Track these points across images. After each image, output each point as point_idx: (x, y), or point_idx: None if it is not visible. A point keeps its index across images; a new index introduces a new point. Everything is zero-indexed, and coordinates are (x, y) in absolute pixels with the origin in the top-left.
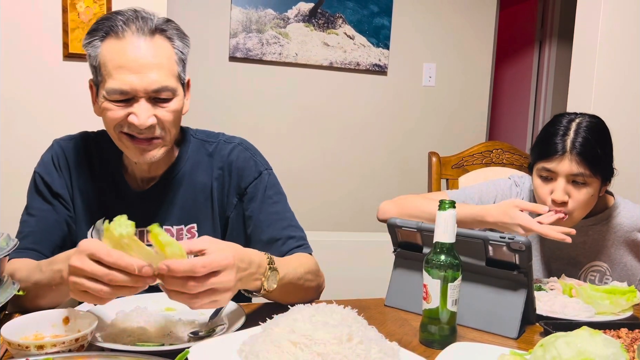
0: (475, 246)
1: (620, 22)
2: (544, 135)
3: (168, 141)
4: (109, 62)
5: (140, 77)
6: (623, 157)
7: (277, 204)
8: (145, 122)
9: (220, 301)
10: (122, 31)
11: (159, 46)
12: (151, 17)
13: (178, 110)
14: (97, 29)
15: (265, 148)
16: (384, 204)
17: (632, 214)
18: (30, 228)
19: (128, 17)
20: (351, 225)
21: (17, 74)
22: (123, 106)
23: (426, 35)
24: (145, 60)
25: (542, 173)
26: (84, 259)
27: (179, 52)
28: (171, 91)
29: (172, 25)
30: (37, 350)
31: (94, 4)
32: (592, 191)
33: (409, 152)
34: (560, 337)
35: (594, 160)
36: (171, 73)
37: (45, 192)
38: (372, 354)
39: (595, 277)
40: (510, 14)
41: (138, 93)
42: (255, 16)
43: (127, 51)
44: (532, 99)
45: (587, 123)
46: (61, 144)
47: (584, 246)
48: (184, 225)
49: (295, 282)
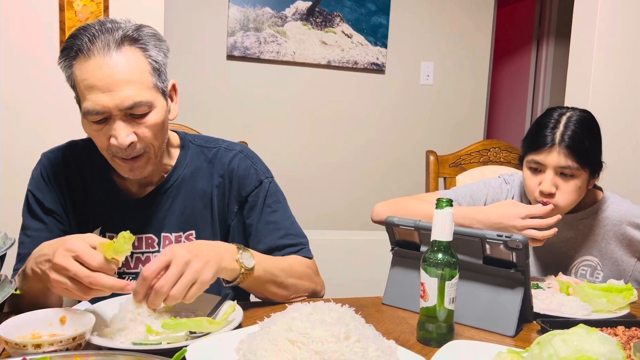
0: (472, 244)
1: (618, 20)
2: (535, 128)
3: (153, 154)
4: (81, 82)
5: (111, 96)
6: (620, 154)
7: (276, 213)
8: (125, 142)
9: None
10: (88, 50)
11: (129, 59)
12: (120, 26)
13: (158, 124)
14: (67, 48)
15: (262, 147)
16: (378, 205)
17: (619, 208)
18: (26, 250)
19: (94, 33)
20: (349, 223)
21: (14, 73)
22: (102, 128)
23: (424, 34)
24: (114, 77)
25: (531, 165)
26: (69, 259)
27: (153, 61)
28: (146, 105)
29: (145, 32)
30: (34, 349)
31: (91, 3)
32: (580, 183)
33: (406, 150)
34: (557, 335)
35: (582, 153)
36: (145, 86)
37: (38, 210)
38: (369, 352)
39: (586, 272)
40: (508, 12)
41: (112, 112)
42: (253, 14)
43: (95, 70)
44: (529, 98)
45: (578, 117)
46: (49, 156)
47: (574, 241)
48: (182, 232)
49: (277, 272)
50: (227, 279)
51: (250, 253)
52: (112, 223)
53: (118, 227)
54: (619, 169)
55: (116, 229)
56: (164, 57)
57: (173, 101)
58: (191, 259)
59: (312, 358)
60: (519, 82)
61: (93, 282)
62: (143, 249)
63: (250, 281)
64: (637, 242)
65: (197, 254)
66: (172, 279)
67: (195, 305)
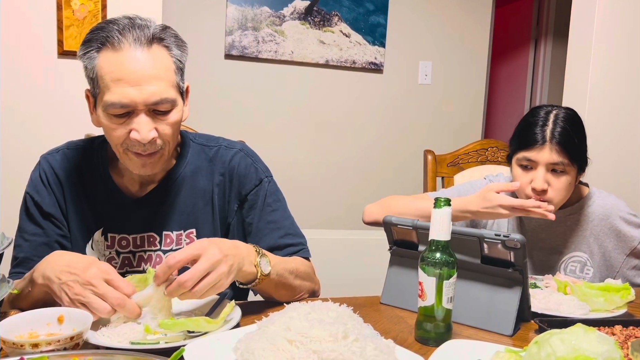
0: (470, 244)
1: (615, 20)
2: (524, 126)
3: (167, 152)
4: (107, 74)
5: (139, 90)
6: (618, 152)
7: (276, 212)
8: (147, 137)
9: (220, 282)
10: (119, 42)
11: (157, 56)
12: (148, 25)
13: (178, 122)
14: (92, 40)
15: (260, 145)
16: (369, 207)
17: (604, 202)
18: (23, 254)
19: (124, 27)
20: (347, 223)
21: (12, 72)
22: (123, 122)
23: (422, 34)
24: (144, 72)
25: (523, 162)
26: (100, 280)
27: (177, 60)
28: (170, 103)
29: (170, 33)
30: (32, 349)
31: (89, 2)
32: (570, 179)
33: (404, 150)
34: (554, 334)
35: (572, 149)
36: (170, 84)
37: (36, 213)
38: (367, 351)
39: (575, 268)
40: (506, 12)
41: (137, 106)
42: (251, 14)
43: (124, 63)
44: (527, 97)
45: (564, 114)
46: (48, 158)
47: (563, 236)
48: (183, 231)
49: (286, 275)
50: (243, 282)
51: (268, 258)
52: (113, 223)
53: (119, 227)
54: (616, 168)
55: (118, 229)
56: (185, 58)
57: (185, 103)
58: (220, 261)
59: (310, 357)
60: (517, 81)
61: (121, 305)
62: (145, 248)
63: (263, 284)
64: (624, 235)
65: (226, 255)
66: (198, 276)
67: (193, 305)
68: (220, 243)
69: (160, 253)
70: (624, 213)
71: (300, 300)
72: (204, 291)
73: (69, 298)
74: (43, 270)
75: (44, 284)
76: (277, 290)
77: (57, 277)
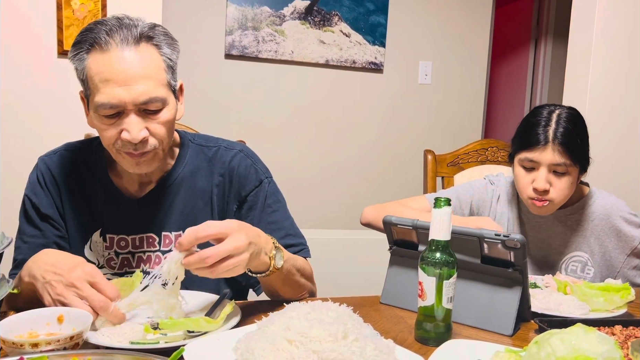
0: (470, 244)
1: (616, 20)
2: (526, 126)
3: (161, 151)
4: (95, 75)
5: (127, 90)
6: (618, 152)
7: (276, 213)
8: (138, 137)
9: (238, 267)
10: (106, 43)
11: (145, 55)
12: (135, 24)
13: (170, 120)
14: (81, 41)
15: (260, 145)
16: (367, 208)
17: (605, 202)
18: (22, 255)
19: (111, 27)
20: (347, 222)
21: (12, 72)
22: (114, 122)
23: (422, 33)
24: (132, 71)
25: (525, 163)
26: (84, 282)
27: (167, 59)
28: (161, 102)
29: (159, 31)
30: (31, 349)
31: (89, 1)
32: (572, 179)
33: (404, 149)
34: (554, 334)
35: (574, 149)
36: (160, 82)
37: (34, 215)
38: (367, 351)
39: (576, 268)
40: (506, 11)
41: (127, 106)
42: (251, 13)
43: (112, 64)
44: (527, 97)
45: (566, 114)
46: (45, 160)
47: (563, 236)
48: (182, 231)
49: (294, 272)
50: (254, 271)
51: (282, 252)
52: (112, 224)
53: (118, 228)
54: (617, 167)
55: (116, 229)
56: (176, 56)
57: (179, 101)
58: (245, 248)
59: (310, 357)
60: (517, 81)
61: (104, 308)
62: (144, 248)
63: (272, 277)
64: (624, 235)
65: (250, 243)
66: (220, 256)
67: (193, 305)
68: (248, 229)
69: (159, 254)
70: (624, 213)
71: (300, 300)
72: (221, 272)
73: (51, 298)
74: (30, 268)
75: (30, 282)
76: (283, 285)
77: (42, 276)
